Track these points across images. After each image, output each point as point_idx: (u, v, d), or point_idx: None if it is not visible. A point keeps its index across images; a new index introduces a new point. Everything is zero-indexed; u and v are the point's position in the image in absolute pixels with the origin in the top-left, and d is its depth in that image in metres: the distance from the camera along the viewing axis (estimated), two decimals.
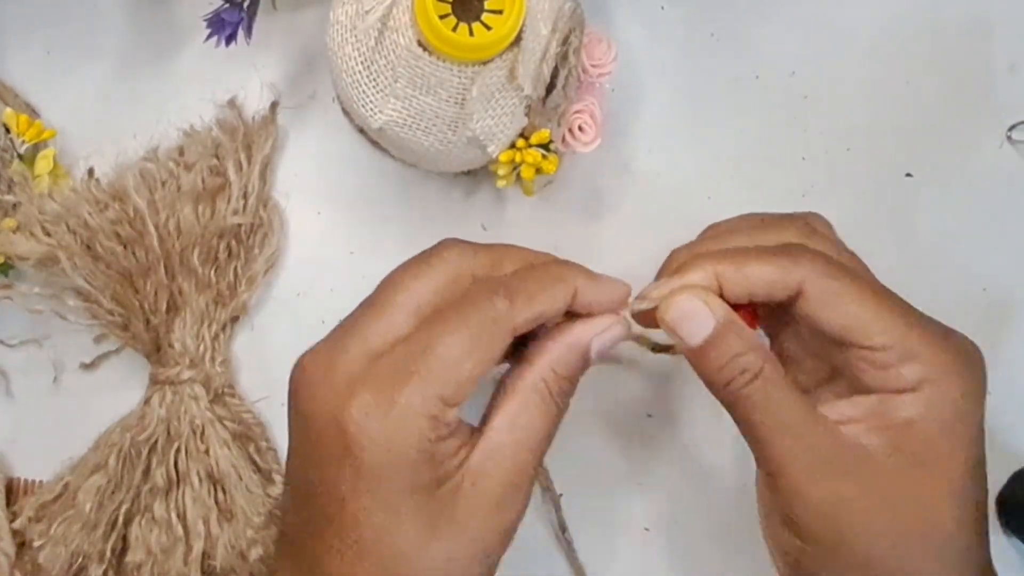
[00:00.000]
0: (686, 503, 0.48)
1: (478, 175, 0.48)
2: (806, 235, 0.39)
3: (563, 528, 0.47)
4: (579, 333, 0.38)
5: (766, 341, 0.42)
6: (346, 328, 0.37)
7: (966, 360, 0.36)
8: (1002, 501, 0.48)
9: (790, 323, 0.40)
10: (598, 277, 0.38)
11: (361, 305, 0.37)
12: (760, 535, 0.41)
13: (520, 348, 0.38)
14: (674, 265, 0.40)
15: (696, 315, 0.37)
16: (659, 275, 0.42)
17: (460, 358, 0.34)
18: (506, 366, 0.39)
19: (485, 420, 0.37)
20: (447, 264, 0.37)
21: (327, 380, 0.35)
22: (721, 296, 0.37)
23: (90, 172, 0.47)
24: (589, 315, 0.38)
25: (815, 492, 0.36)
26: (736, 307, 0.38)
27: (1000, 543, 0.49)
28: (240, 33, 0.44)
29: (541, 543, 0.48)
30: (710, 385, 0.37)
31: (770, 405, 0.36)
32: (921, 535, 0.35)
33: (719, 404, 0.37)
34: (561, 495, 0.48)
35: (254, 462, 0.47)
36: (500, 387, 0.37)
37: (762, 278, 0.36)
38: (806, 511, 0.36)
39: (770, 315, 0.40)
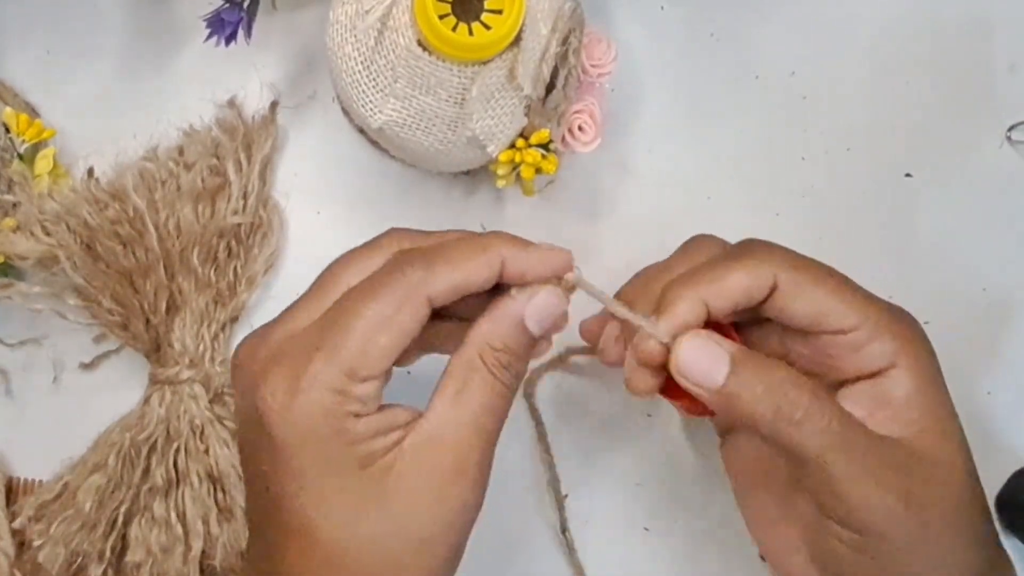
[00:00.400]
0: (686, 503, 0.48)
1: (478, 175, 0.48)
2: (713, 246, 0.40)
3: (564, 528, 0.47)
4: (509, 303, 0.36)
5: None
6: (282, 313, 0.37)
7: (918, 330, 0.38)
8: (1002, 501, 0.48)
9: (758, 339, 0.40)
10: (530, 245, 0.36)
11: (303, 293, 0.37)
12: None
13: None
14: (648, 299, 0.38)
15: (712, 353, 0.36)
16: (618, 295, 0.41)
17: (368, 331, 0.33)
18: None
19: (427, 406, 0.35)
20: (384, 251, 0.36)
21: (249, 363, 0.35)
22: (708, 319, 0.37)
23: (90, 172, 0.47)
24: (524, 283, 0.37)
25: (878, 498, 0.35)
26: (718, 329, 0.37)
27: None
28: (240, 33, 0.44)
29: (541, 543, 0.48)
30: (752, 422, 0.35)
31: (820, 425, 0.35)
32: (953, 506, 0.36)
33: None
34: (567, 495, 0.48)
35: None
36: (443, 373, 0.36)
37: (741, 284, 0.36)
38: (869, 514, 0.35)
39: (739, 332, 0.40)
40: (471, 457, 0.35)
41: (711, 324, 0.37)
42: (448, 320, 0.38)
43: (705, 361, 0.36)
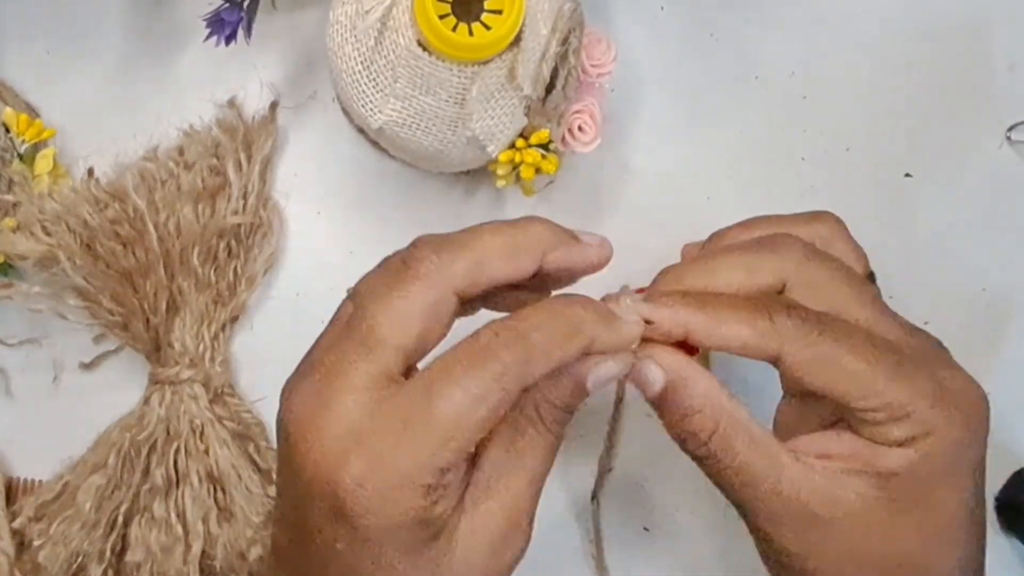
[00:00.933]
0: (686, 503, 0.48)
1: (478, 175, 0.48)
2: (803, 260, 0.37)
3: (594, 496, 0.48)
4: (576, 365, 0.35)
5: None
6: (332, 367, 0.34)
7: (963, 410, 0.35)
8: (1002, 501, 0.48)
9: None
10: (570, 239, 0.36)
11: (342, 333, 0.34)
12: None
13: None
14: (661, 289, 0.38)
15: (645, 371, 0.36)
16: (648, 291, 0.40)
17: (459, 422, 0.32)
18: None
19: (477, 452, 0.34)
20: (426, 283, 0.34)
21: (317, 433, 0.33)
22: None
23: (90, 172, 0.47)
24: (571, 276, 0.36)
25: (787, 542, 0.35)
26: None
27: (1000, 543, 0.49)
28: (240, 33, 0.44)
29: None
30: (677, 443, 0.37)
31: (732, 463, 0.35)
32: None
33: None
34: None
35: (254, 462, 0.47)
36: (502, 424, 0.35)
37: (737, 339, 0.35)
38: (782, 560, 0.36)
39: None
40: (524, 508, 0.34)
41: None
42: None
43: (639, 373, 0.36)
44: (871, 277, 0.41)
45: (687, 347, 0.37)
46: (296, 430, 0.33)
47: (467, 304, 0.35)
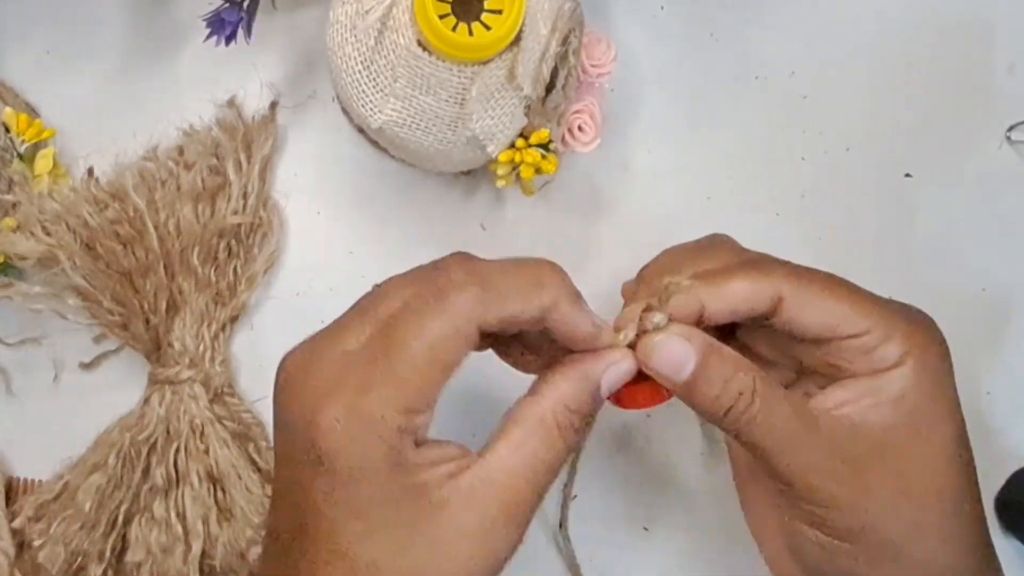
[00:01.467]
0: (686, 503, 0.48)
1: (477, 175, 0.48)
2: (729, 252, 0.40)
3: (561, 524, 0.47)
4: (591, 366, 0.36)
5: None
6: (327, 330, 0.36)
7: (933, 331, 0.38)
8: (1001, 501, 0.48)
9: (758, 328, 0.40)
10: (580, 301, 0.36)
11: (349, 308, 0.36)
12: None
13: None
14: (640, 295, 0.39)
15: (675, 351, 0.36)
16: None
17: (424, 363, 0.33)
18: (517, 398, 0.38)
19: (487, 447, 0.35)
20: (457, 315, 0.34)
21: (302, 384, 0.35)
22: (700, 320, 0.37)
23: (90, 171, 0.47)
24: (565, 339, 0.36)
25: (838, 490, 0.36)
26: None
27: (1000, 543, 0.49)
28: (240, 33, 0.44)
29: (537, 541, 0.48)
30: (710, 416, 0.37)
31: (774, 420, 0.36)
32: (933, 503, 0.37)
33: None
34: (575, 496, 0.48)
35: (253, 462, 0.47)
36: (507, 417, 0.36)
37: (742, 294, 0.37)
38: (832, 509, 0.36)
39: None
40: (523, 506, 0.35)
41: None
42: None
43: (673, 356, 0.36)
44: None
45: (656, 391, 0.38)
46: (285, 380, 0.35)
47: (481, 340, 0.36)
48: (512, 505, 0.34)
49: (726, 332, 0.40)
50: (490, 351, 0.39)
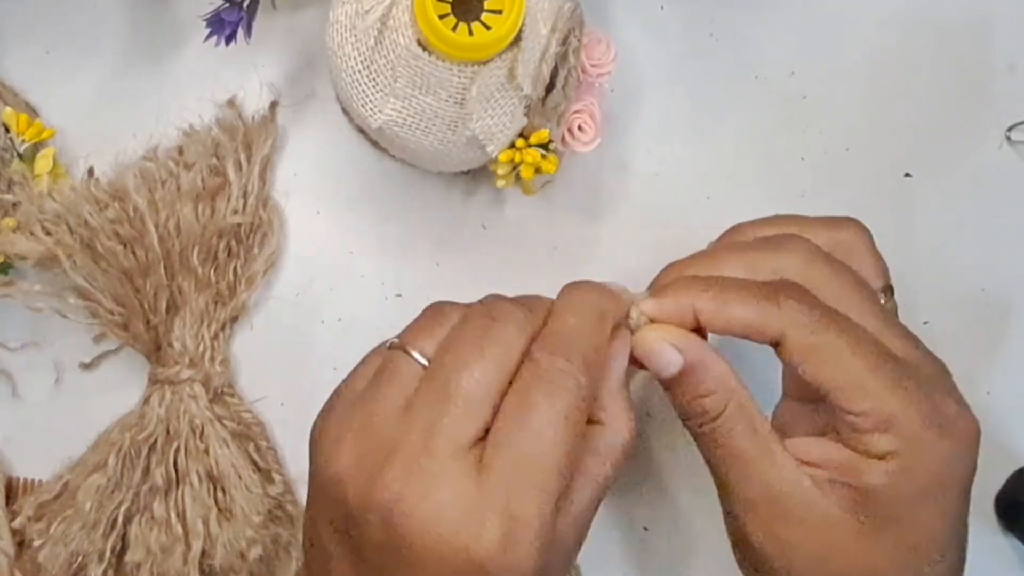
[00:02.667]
0: (685, 504, 0.48)
1: (477, 175, 0.48)
2: (807, 262, 0.38)
3: None
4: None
5: None
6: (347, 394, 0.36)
7: (952, 436, 0.35)
8: (1001, 501, 0.48)
9: None
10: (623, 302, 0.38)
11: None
12: None
13: None
14: (664, 281, 0.39)
15: (663, 354, 0.37)
16: (650, 287, 0.41)
17: (473, 404, 0.33)
18: None
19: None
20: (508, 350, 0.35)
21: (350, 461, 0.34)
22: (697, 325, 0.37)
23: (90, 171, 0.47)
24: None
25: (760, 532, 0.36)
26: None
27: (999, 543, 0.49)
28: (240, 32, 0.44)
29: None
30: (679, 415, 0.38)
31: (729, 443, 0.36)
32: None
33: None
34: None
35: (253, 461, 0.47)
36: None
37: (742, 321, 0.36)
38: (754, 549, 0.36)
39: None
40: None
41: None
42: None
43: (659, 356, 0.37)
44: (888, 290, 0.40)
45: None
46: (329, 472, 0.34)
47: None
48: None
49: None
50: None
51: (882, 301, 0.39)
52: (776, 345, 0.36)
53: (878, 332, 0.36)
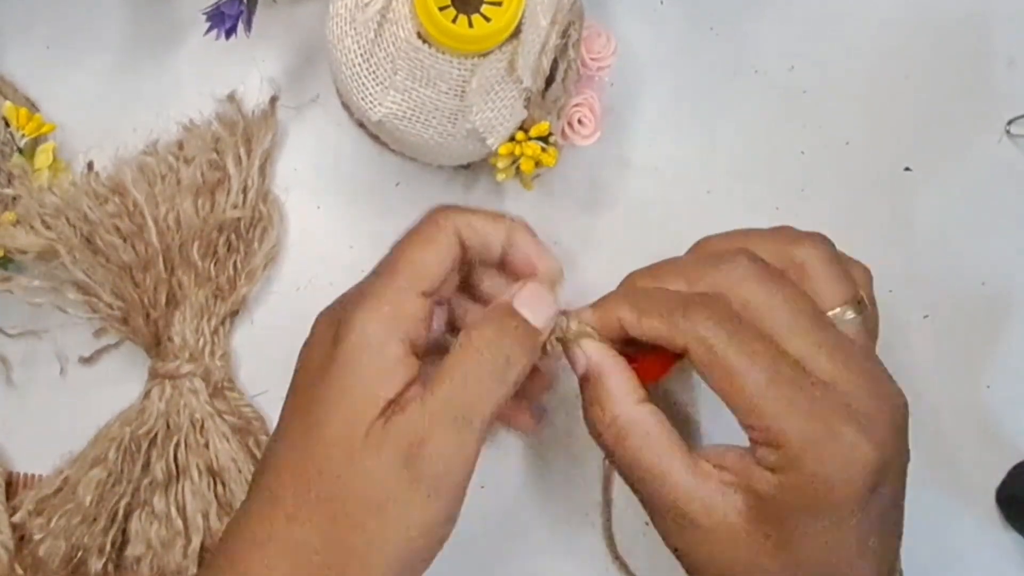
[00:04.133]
0: None
1: (477, 168, 0.48)
2: (742, 279, 0.38)
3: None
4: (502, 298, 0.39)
5: None
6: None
7: (836, 457, 0.35)
8: (1002, 495, 0.48)
9: None
10: (535, 237, 0.41)
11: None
12: None
13: None
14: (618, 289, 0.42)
15: (574, 356, 0.40)
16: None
17: (413, 253, 0.38)
18: None
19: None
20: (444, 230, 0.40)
21: (332, 306, 0.39)
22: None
23: (90, 166, 0.47)
24: (525, 265, 0.40)
25: (669, 536, 0.38)
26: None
27: (1000, 538, 0.49)
28: (240, 26, 0.44)
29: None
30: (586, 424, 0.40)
31: (629, 456, 0.38)
32: None
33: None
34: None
35: (254, 456, 0.47)
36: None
37: (653, 332, 0.38)
38: (675, 551, 0.38)
39: None
40: (479, 419, 0.36)
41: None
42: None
43: (571, 357, 0.40)
44: (857, 303, 0.39)
45: (657, 363, 0.40)
46: (319, 317, 0.39)
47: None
48: (463, 417, 0.36)
49: None
50: None
51: (849, 315, 0.38)
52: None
53: (803, 353, 0.36)
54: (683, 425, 0.48)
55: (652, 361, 0.40)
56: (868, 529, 0.36)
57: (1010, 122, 0.50)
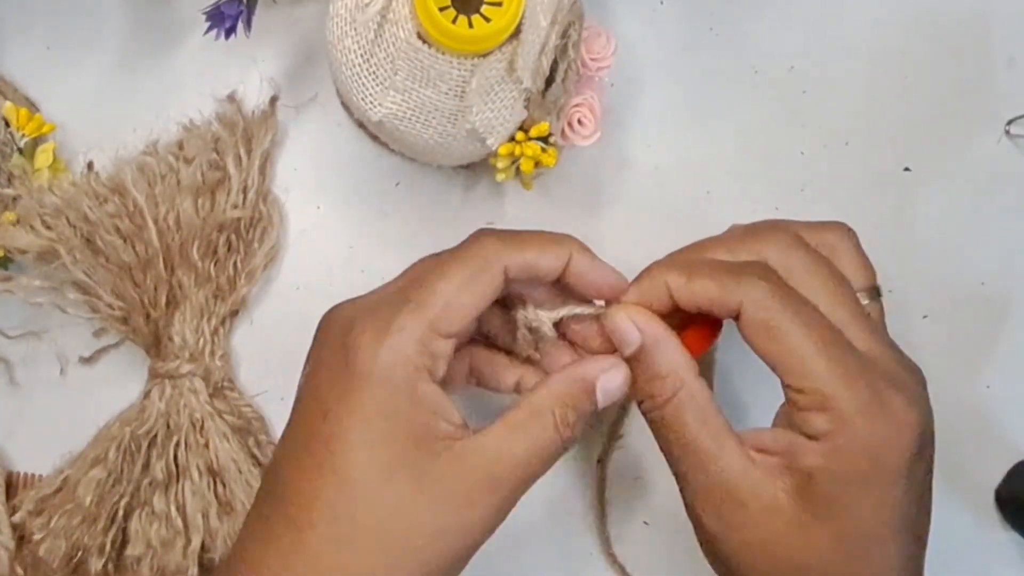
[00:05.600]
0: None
1: (477, 169, 0.48)
2: (785, 248, 0.39)
3: (600, 460, 0.48)
4: (587, 369, 0.38)
5: None
6: (369, 292, 0.39)
7: (884, 421, 0.35)
8: (1001, 495, 0.48)
9: None
10: (595, 257, 0.39)
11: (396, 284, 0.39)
12: None
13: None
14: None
15: (625, 331, 0.38)
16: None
17: (451, 290, 0.36)
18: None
19: (484, 429, 0.37)
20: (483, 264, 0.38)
21: (339, 318, 0.38)
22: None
23: (90, 166, 0.47)
24: (588, 288, 0.39)
25: (711, 518, 0.37)
26: (696, 319, 0.39)
27: (999, 538, 0.49)
28: (240, 26, 0.44)
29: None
30: (635, 400, 0.39)
31: (679, 431, 0.37)
32: None
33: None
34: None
35: (254, 456, 0.47)
36: (506, 409, 0.37)
37: (705, 294, 0.37)
38: (708, 533, 0.38)
39: None
40: (508, 485, 0.36)
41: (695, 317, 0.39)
42: (493, 349, 0.42)
43: (620, 333, 0.39)
44: (874, 292, 0.40)
45: (699, 338, 0.39)
46: (327, 320, 0.38)
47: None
48: (496, 480, 0.35)
49: None
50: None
51: (865, 302, 0.40)
52: (737, 319, 0.37)
53: (844, 323, 0.37)
54: None
55: (692, 336, 0.39)
56: (910, 498, 0.36)
57: (1010, 122, 0.50)
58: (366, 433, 0.35)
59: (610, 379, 0.38)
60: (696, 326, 0.39)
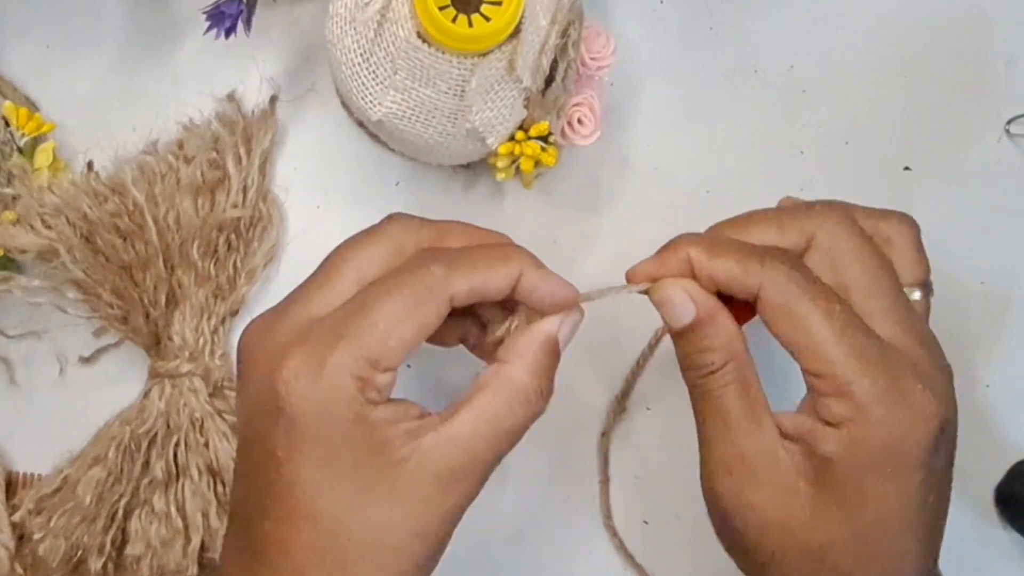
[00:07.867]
0: (685, 497, 0.48)
1: (477, 168, 0.48)
2: (834, 226, 0.38)
3: (604, 433, 0.49)
4: (547, 326, 0.37)
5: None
6: (291, 296, 0.37)
7: (905, 410, 0.35)
8: (1001, 494, 0.48)
9: None
10: (544, 268, 0.38)
11: (309, 276, 0.37)
12: None
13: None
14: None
15: (679, 304, 0.38)
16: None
17: (391, 322, 0.34)
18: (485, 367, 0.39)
19: (450, 410, 0.35)
20: (391, 237, 0.37)
21: (265, 344, 0.35)
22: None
23: (89, 165, 0.47)
24: (539, 304, 0.38)
25: (729, 491, 0.37)
26: (729, 301, 0.38)
27: (999, 537, 0.49)
28: (239, 26, 0.44)
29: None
30: (680, 365, 0.39)
31: (720, 401, 0.37)
32: (826, 570, 0.36)
33: None
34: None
35: None
36: (473, 383, 0.36)
37: (727, 273, 0.37)
38: (721, 507, 0.38)
39: None
40: (481, 466, 0.35)
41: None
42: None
43: (675, 305, 0.38)
44: (925, 288, 0.40)
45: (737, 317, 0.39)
46: (247, 343, 0.36)
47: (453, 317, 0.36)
48: (472, 464, 0.35)
49: None
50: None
51: (916, 296, 0.40)
52: (756, 301, 0.37)
53: (875, 311, 0.37)
54: None
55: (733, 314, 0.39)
56: (928, 488, 0.36)
57: (1009, 122, 0.50)
58: (326, 474, 0.34)
59: (568, 325, 0.38)
60: (733, 306, 0.39)
